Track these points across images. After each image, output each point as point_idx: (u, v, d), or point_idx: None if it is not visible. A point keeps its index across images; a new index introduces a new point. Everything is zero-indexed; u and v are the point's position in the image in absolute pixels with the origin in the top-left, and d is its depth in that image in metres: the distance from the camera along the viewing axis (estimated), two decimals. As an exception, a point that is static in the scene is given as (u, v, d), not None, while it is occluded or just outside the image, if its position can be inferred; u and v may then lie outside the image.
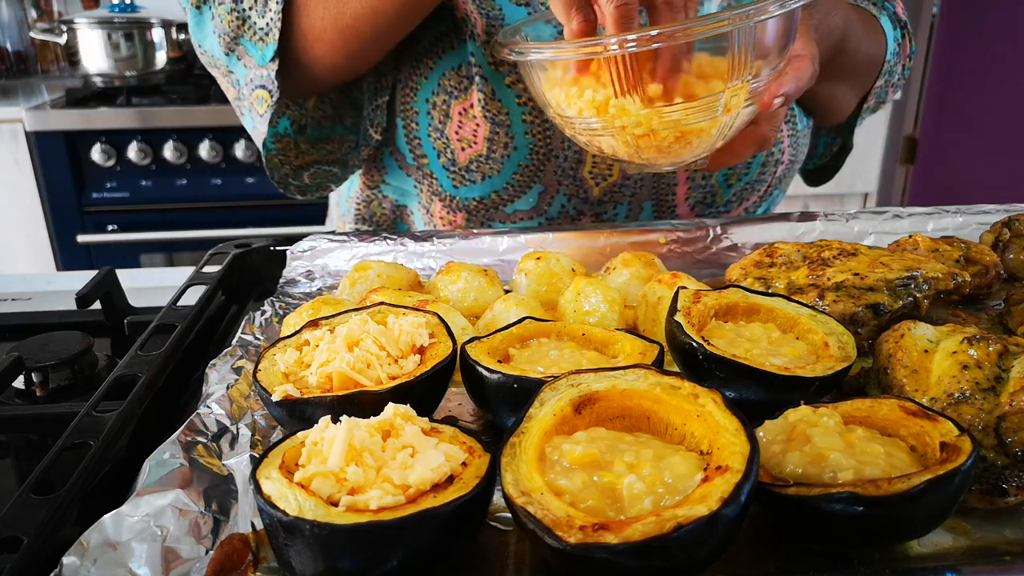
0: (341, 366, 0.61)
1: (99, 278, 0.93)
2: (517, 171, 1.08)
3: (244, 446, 0.63)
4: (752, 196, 1.19)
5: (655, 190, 1.12)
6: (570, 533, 0.44)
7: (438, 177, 1.13)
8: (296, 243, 1.04)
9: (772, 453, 0.53)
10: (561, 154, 1.07)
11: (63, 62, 3.35)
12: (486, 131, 1.05)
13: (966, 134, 3.23)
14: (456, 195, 1.13)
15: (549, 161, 1.07)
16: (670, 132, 0.77)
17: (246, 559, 0.52)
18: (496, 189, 1.10)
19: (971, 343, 0.63)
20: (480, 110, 1.04)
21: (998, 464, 0.56)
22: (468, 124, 1.06)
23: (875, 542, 0.50)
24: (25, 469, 0.72)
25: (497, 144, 1.06)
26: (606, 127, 0.78)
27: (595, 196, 1.11)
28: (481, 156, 1.07)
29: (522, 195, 1.10)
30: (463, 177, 1.10)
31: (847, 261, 0.82)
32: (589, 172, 1.08)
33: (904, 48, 1.18)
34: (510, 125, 1.05)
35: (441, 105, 1.07)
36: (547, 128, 1.05)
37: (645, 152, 0.80)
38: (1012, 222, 0.96)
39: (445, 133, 1.08)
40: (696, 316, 0.69)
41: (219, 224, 2.75)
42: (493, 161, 1.07)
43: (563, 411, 0.54)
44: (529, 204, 1.11)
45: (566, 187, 1.09)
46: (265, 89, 1.01)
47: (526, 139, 1.06)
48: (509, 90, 1.03)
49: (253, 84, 1.03)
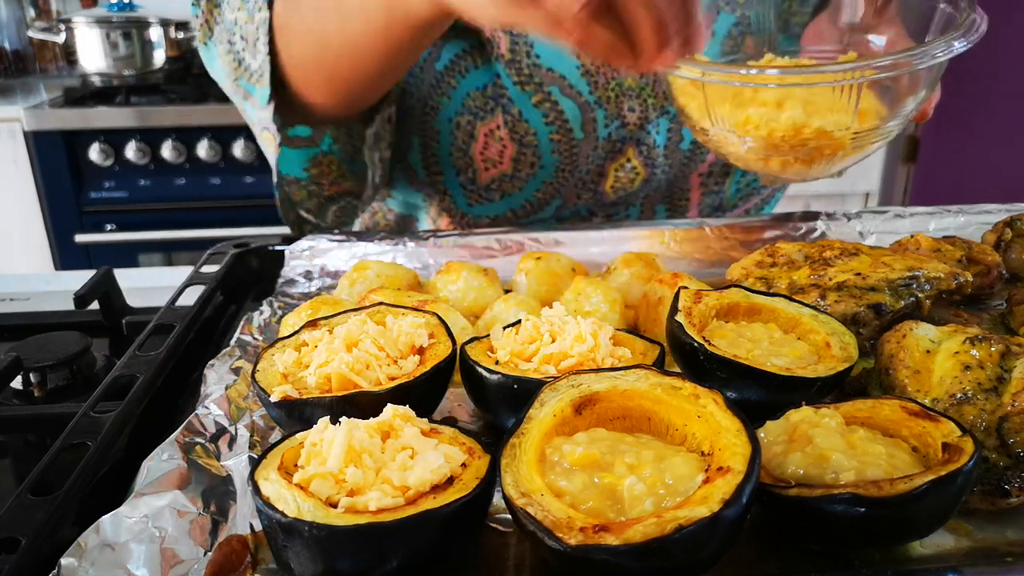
0: (340, 367, 0.61)
1: (97, 278, 0.93)
2: (540, 188, 1.07)
3: (243, 447, 0.63)
4: (754, 198, 1.19)
5: (668, 195, 1.12)
6: (570, 534, 0.44)
7: (453, 194, 1.11)
8: (295, 243, 1.03)
9: (774, 454, 0.53)
10: (584, 168, 1.06)
11: (61, 61, 3.34)
12: (513, 151, 1.04)
13: (968, 134, 3.22)
14: (469, 212, 1.12)
15: (572, 176, 1.07)
16: (829, 150, 0.79)
17: (245, 560, 0.51)
18: (513, 207, 1.09)
19: (973, 343, 0.63)
20: (507, 132, 1.03)
21: (1000, 465, 0.56)
22: (494, 145, 1.05)
23: (877, 543, 0.50)
24: (23, 470, 0.72)
25: (523, 164, 1.05)
26: (766, 143, 0.79)
27: (610, 200, 1.11)
28: (506, 176, 1.06)
29: (539, 211, 1.09)
30: (481, 196, 1.09)
31: (849, 261, 0.82)
32: (611, 187, 1.08)
33: None
34: (537, 145, 1.04)
35: (466, 126, 1.06)
36: (574, 146, 1.05)
37: (792, 167, 0.82)
38: (1014, 222, 0.96)
39: (469, 153, 1.07)
40: (697, 316, 0.69)
41: (218, 224, 2.74)
42: (517, 180, 1.06)
43: (563, 412, 0.54)
44: (546, 215, 1.11)
45: (585, 200, 1.09)
46: (268, 131, 0.99)
47: (553, 157, 1.05)
48: (536, 110, 1.02)
49: (260, 126, 1.02)
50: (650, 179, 1.09)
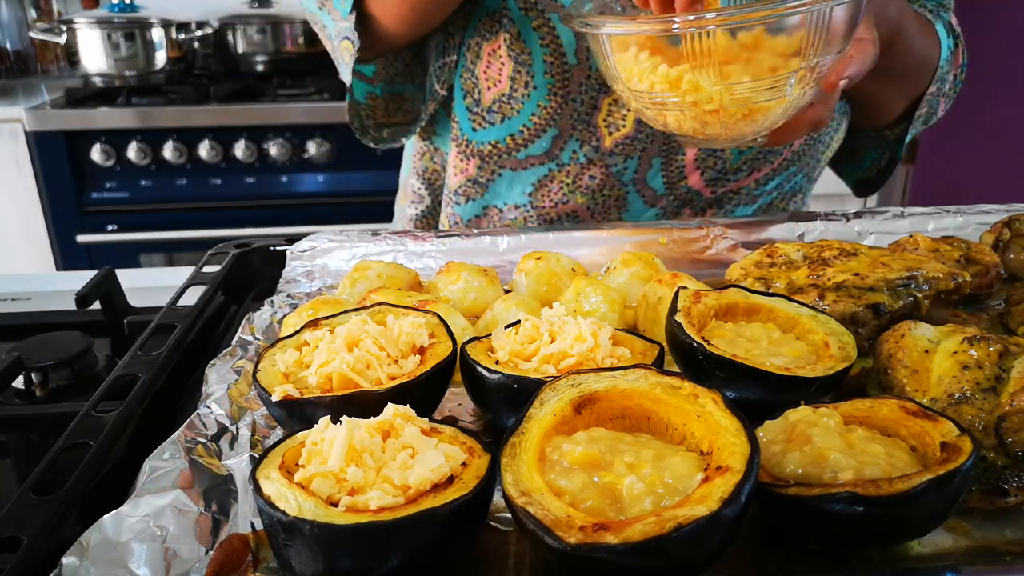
0: (341, 366, 0.61)
1: (99, 278, 0.93)
2: (536, 112, 1.12)
3: (244, 446, 0.63)
4: (764, 167, 1.19)
5: (666, 147, 1.13)
6: (570, 533, 0.44)
7: (459, 120, 1.18)
8: (296, 243, 1.04)
9: (772, 453, 0.53)
10: (578, 98, 1.11)
11: (63, 62, 3.34)
12: (509, 70, 1.11)
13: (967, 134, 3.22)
14: (473, 139, 1.17)
15: (566, 104, 1.11)
16: (739, 109, 0.79)
17: (246, 559, 0.52)
18: (512, 132, 1.15)
19: (971, 343, 0.63)
20: (505, 49, 1.10)
21: (998, 464, 0.56)
22: (495, 63, 1.12)
23: (875, 542, 0.50)
24: (25, 469, 0.72)
25: (519, 83, 1.11)
26: (679, 102, 0.80)
27: (606, 146, 1.14)
28: (504, 95, 1.12)
29: (536, 139, 1.14)
30: (483, 118, 1.15)
31: (847, 261, 0.82)
32: (603, 120, 1.12)
33: (957, 58, 1.18)
34: (531, 65, 1.10)
35: (474, 47, 1.13)
36: (566, 71, 1.09)
37: (711, 127, 0.82)
38: (1012, 222, 0.96)
39: (475, 72, 1.14)
40: (696, 316, 0.69)
41: (219, 224, 2.74)
42: (514, 101, 1.12)
43: (563, 411, 0.54)
44: (542, 149, 1.15)
45: (579, 132, 1.13)
46: (348, 40, 1.07)
47: (545, 79, 1.10)
48: (534, 32, 1.08)
49: (340, 36, 1.10)
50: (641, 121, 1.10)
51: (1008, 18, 3.03)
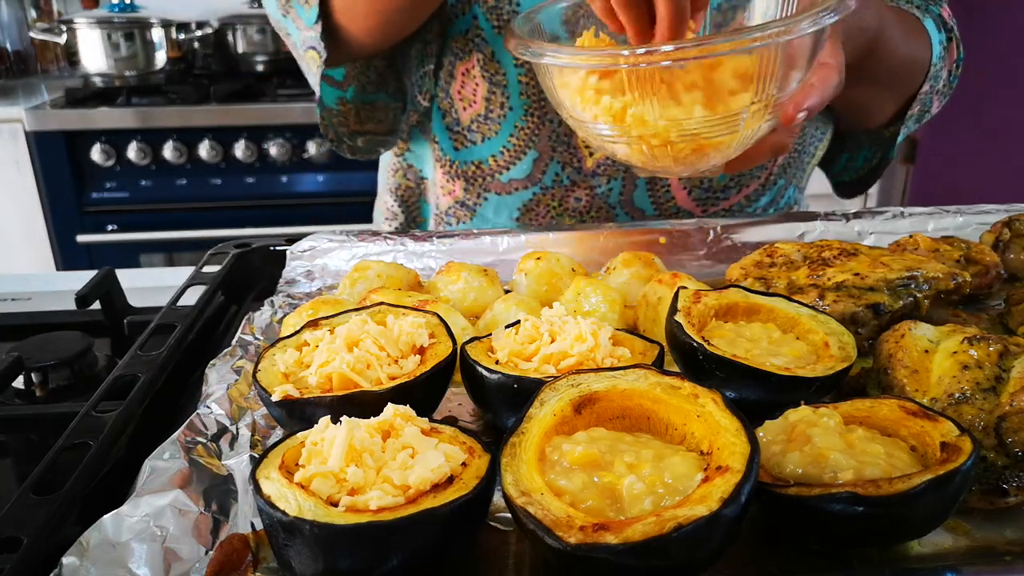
0: (341, 366, 0.61)
1: (99, 278, 0.93)
2: (513, 133, 1.11)
3: (244, 446, 0.63)
4: (752, 183, 1.18)
5: None
6: (570, 533, 0.44)
7: (440, 140, 1.17)
8: (296, 243, 1.04)
9: (772, 453, 0.53)
10: (555, 118, 1.09)
11: (63, 62, 3.34)
12: (484, 90, 1.09)
13: (966, 134, 3.22)
14: (456, 159, 1.16)
15: (544, 125, 1.10)
16: (687, 144, 0.75)
17: (246, 559, 0.52)
18: (493, 153, 1.13)
19: (971, 343, 0.63)
20: (479, 70, 1.08)
21: (998, 464, 0.56)
22: (469, 84, 1.10)
23: (875, 542, 0.50)
24: (25, 469, 0.72)
25: (494, 104, 1.10)
26: (622, 135, 0.75)
27: (588, 168, 1.12)
28: (480, 116, 1.11)
29: (517, 161, 1.12)
30: (464, 138, 1.14)
31: (847, 261, 0.82)
32: (583, 140, 1.10)
33: (951, 53, 1.13)
34: (506, 85, 1.08)
35: (447, 66, 1.11)
36: (541, 91, 1.07)
37: (660, 161, 0.77)
38: (1012, 222, 0.96)
39: (449, 92, 1.12)
40: (696, 316, 0.69)
41: (219, 224, 2.74)
42: (491, 121, 1.11)
43: (563, 411, 0.54)
44: (524, 172, 1.13)
45: (560, 154, 1.12)
46: (314, 50, 1.04)
47: (521, 99, 1.09)
48: (508, 53, 1.06)
49: (306, 45, 1.07)
50: None
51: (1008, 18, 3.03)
